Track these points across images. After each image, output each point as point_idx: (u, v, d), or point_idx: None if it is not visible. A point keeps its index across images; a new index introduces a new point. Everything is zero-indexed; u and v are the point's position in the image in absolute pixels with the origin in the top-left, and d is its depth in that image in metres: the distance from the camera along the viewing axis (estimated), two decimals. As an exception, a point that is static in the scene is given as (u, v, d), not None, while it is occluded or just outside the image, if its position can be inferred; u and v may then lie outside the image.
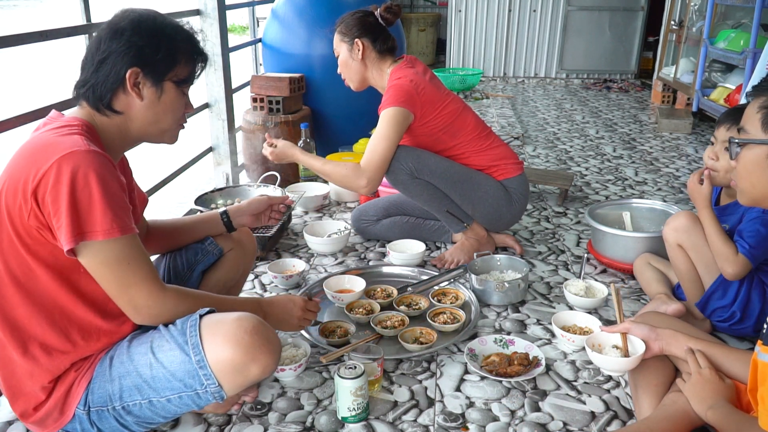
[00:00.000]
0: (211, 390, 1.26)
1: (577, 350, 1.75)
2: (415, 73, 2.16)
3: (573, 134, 4.39)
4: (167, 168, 2.62)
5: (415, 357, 1.71)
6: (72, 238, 1.12)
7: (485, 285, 1.99)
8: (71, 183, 1.11)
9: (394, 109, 2.07)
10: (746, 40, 3.86)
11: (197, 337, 1.24)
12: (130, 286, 1.21)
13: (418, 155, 2.15)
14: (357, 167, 2.10)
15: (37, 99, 1.97)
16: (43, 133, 1.21)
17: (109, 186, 1.15)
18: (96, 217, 1.13)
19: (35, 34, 1.79)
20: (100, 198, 1.13)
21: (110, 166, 1.17)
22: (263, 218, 1.75)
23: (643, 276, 2.03)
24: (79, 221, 1.12)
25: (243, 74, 3.58)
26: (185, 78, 1.33)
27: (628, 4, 6.42)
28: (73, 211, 1.12)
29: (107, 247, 1.16)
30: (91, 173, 1.12)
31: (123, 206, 1.18)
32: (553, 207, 2.90)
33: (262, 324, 1.28)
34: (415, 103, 2.10)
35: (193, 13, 2.79)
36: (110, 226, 1.14)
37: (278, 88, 3.07)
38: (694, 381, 1.28)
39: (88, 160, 1.13)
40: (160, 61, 1.26)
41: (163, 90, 1.29)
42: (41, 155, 1.14)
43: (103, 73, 1.24)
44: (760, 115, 1.14)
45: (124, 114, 1.29)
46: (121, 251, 1.18)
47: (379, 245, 2.47)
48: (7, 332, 1.24)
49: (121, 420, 1.29)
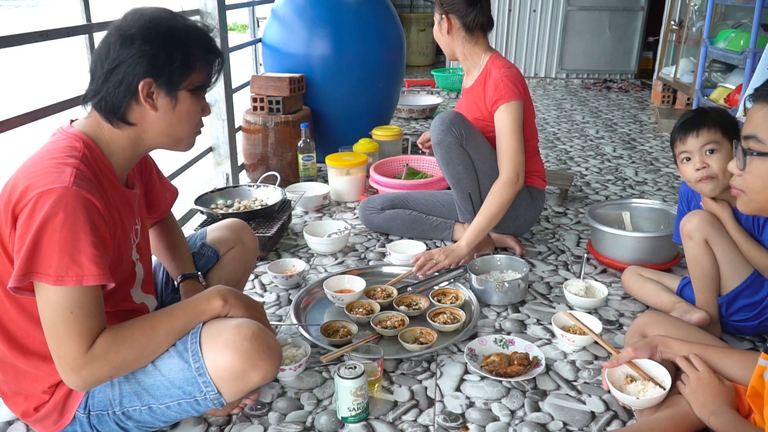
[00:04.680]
0: (210, 397, 1.26)
1: (577, 350, 1.75)
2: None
3: (573, 134, 4.39)
4: (167, 168, 2.61)
5: (415, 357, 1.71)
6: (18, 276, 1.07)
7: (485, 285, 1.99)
8: (40, 221, 1.06)
9: (517, 103, 2.14)
10: (746, 40, 3.85)
11: (197, 345, 1.23)
12: (62, 340, 1.11)
13: (470, 127, 2.19)
14: (502, 181, 2.13)
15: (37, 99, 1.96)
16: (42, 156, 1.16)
17: (78, 232, 1.08)
18: (52, 260, 1.07)
19: (35, 34, 1.79)
20: (61, 242, 1.07)
21: (89, 209, 1.11)
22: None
23: (643, 289, 1.97)
24: (34, 260, 1.07)
25: (243, 74, 3.58)
26: (202, 84, 1.26)
27: (628, 4, 6.42)
28: (32, 248, 1.06)
29: (54, 294, 1.09)
30: (62, 214, 1.07)
31: (92, 254, 1.09)
32: (553, 207, 2.90)
33: (262, 330, 1.27)
34: (526, 96, 2.19)
35: (193, 13, 2.79)
36: (65, 273, 1.07)
37: (278, 88, 3.07)
38: (693, 385, 1.27)
39: (64, 200, 1.07)
40: (174, 70, 1.20)
41: (178, 99, 1.23)
42: (29, 182, 1.10)
43: (114, 84, 1.18)
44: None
45: (138, 125, 1.23)
46: (66, 300, 1.09)
47: (379, 245, 2.47)
48: (6, 342, 1.24)
49: (121, 424, 1.29)
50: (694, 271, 1.75)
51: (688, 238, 1.73)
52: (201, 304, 1.29)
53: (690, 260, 1.75)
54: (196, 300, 1.30)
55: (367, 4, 3.37)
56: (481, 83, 2.24)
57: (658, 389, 1.36)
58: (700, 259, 1.71)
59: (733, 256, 1.67)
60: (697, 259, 1.72)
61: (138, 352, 1.21)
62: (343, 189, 2.94)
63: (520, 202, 2.28)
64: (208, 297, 1.31)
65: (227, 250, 1.72)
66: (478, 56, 2.28)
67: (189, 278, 1.54)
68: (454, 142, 2.17)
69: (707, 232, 1.68)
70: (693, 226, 1.70)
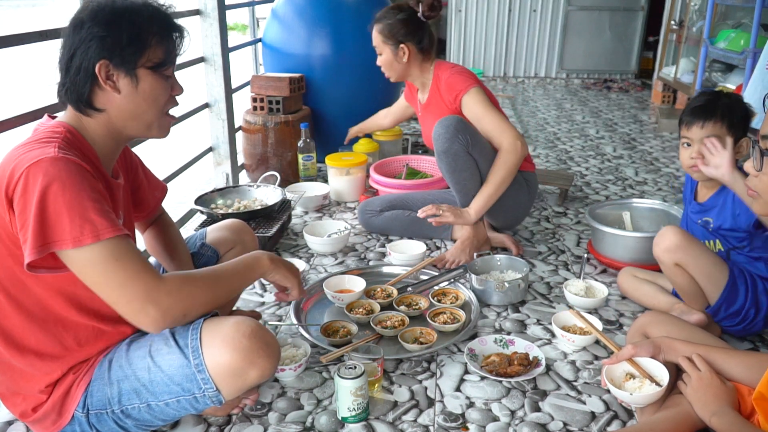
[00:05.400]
0: (209, 394, 1.25)
1: (577, 350, 1.74)
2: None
3: (573, 134, 4.39)
4: (167, 168, 2.62)
5: (415, 357, 1.71)
6: (35, 248, 1.07)
7: (485, 285, 1.99)
8: (38, 192, 1.06)
9: (476, 89, 2.21)
10: (746, 40, 3.85)
11: (198, 341, 1.23)
12: (123, 285, 1.12)
13: (474, 133, 2.20)
14: (504, 149, 2.15)
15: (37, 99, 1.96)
16: (23, 143, 1.17)
17: (80, 192, 1.09)
18: (64, 225, 1.07)
19: (35, 34, 1.78)
20: (67, 206, 1.07)
21: (81, 170, 1.11)
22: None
23: (638, 291, 1.97)
24: (45, 231, 1.07)
25: (243, 74, 3.58)
26: (161, 60, 1.23)
27: (628, 4, 6.42)
28: (40, 220, 1.06)
29: (83, 254, 1.10)
30: (58, 180, 1.07)
31: (97, 210, 1.10)
32: (553, 207, 2.90)
33: (260, 328, 1.27)
34: (480, 83, 2.25)
35: (193, 13, 2.79)
36: (80, 233, 1.08)
37: (278, 88, 3.07)
38: (695, 385, 1.27)
39: (55, 167, 1.08)
40: (126, 47, 1.18)
41: (138, 78, 1.21)
42: (14, 164, 1.10)
43: (74, 72, 1.18)
44: None
45: (107, 111, 1.23)
46: (100, 254, 1.10)
47: (379, 245, 2.47)
48: (2, 341, 1.23)
49: (120, 423, 1.29)
50: (676, 285, 1.79)
51: (660, 262, 1.76)
52: (252, 263, 1.37)
53: (668, 278, 1.80)
54: (246, 259, 1.37)
55: (367, 4, 3.36)
56: (436, 91, 2.33)
57: (654, 387, 1.36)
58: (676, 280, 1.76)
59: (708, 270, 1.68)
60: (673, 280, 1.78)
61: (206, 297, 1.24)
62: (343, 189, 2.94)
63: (516, 188, 2.27)
64: (256, 257, 1.38)
65: (227, 251, 1.72)
66: (428, 71, 2.37)
67: None
68: (461, 150, 2.14)
69: (677, 257, 1.69)
70: (661, 251, 1.72)
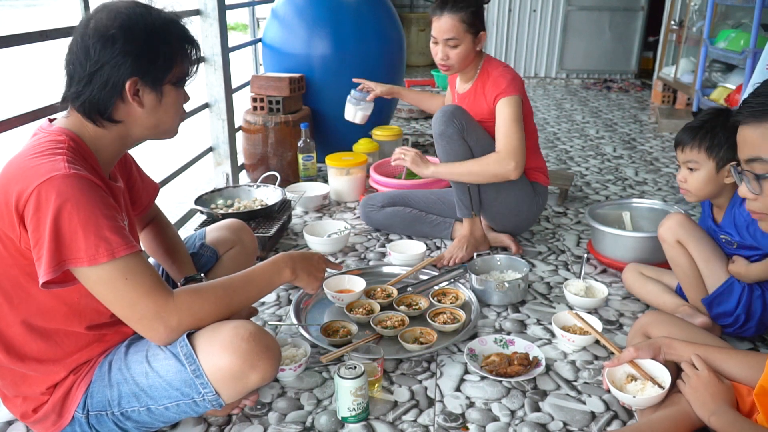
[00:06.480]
0: (208, 398, 1.25)
1: (577, 350, 1.74)
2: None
3: (573, 134, 4.39)
4: (167, 168, 2.62)
5: (415, 357, 1.71)
6: (51, 268, 1.08)
7: (485, 285, 1.99)
8: (52, 212, 1.07)
9: (517, 98, 2.17)
10: (746, 40, 3.85)
11: (188, 347, 1.22)
12: (134, 303, 1.15)
13: (470, 119, 2.21)
14: (498, 155, 2.13)
15: (38, 99, 1.96)
16: (26, 153, 1.15)
17: (94, 210, 1.10)
18: (79, 243, 1.09)
19: (35, 34, 1.79)
20: (82, 224, 1.08)
21: (92, 187, 1.12)
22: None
23: (644, 288, 1.96)
24: (60, 249, 1.08)
25: (243, 74, 3.58)
26: (184, 76, 1.28)
27: (628, 4, 6.42)
28: (55, 239, 1.07)
29: (97, 272, 1.11)
30: (72, 199, 1.08)
31: (111, 227, 1.12)
32: (553, 207, 2.90)
33: (260, 330, 1.27)
34: (524, 94, 2.23)
35: (193, 13, 2.79)
36: (95, 251, 1.09)
37: (278, 88, 3.07)
38: (693, 385, 1.27)
39: (68, 185, 1.08)
40: (158, 67, 1.21)
41: (163, 93, 1.25)
42: (22, 179, 1.10)
43: (98, 86, 1.18)
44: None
45: (124, 122, 1.24)
46: (114, 272, 1.12)
47: (379, 245, 2.47)
48: (3, 350, 1.23)
49: (120, 424, 1.29)
50: (676, 270, 1.82)
51: (663, 241, 1.81)
52: (273, 276, 1.40)
53: (669, 261, 1.83)
54: (268, 269, 1.39)
55: (367, 4, 3.36)
56: (481, 84, 2.27)
57: (656, 389, 1.36)
58: (677, 260, 1.79)
59: (707, 254, 1.73)
60: (674, 260, 1.80)
61: (219, 309, 1.27)
62: (343, 189, 2.94)
63: (523, 197, 2.29)
64: (278, 269, 1.41)
65: (226, 250, 1.72)
66: (478, 62, 2.32)
67: (191, 281, 1.54)
68: (455, 133, 2.18)
69: (679, 234, 1.74)
70: (665, 229, 1.79)
